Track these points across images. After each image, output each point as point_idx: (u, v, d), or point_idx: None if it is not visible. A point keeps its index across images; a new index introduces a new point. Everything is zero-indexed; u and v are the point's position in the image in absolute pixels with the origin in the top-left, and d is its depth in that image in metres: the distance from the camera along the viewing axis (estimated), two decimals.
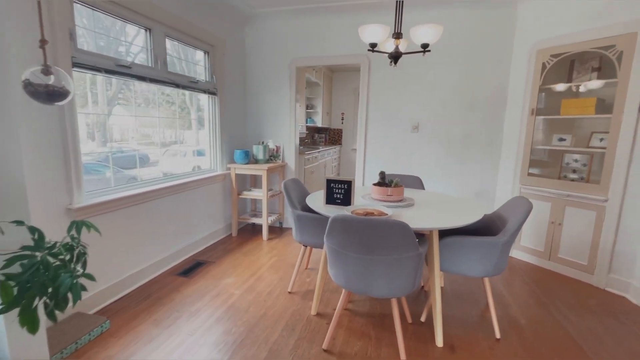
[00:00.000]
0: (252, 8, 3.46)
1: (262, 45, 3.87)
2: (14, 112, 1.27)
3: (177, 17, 2.78)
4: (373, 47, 2.10)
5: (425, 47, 2.08)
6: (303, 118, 5.70)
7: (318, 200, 2.25)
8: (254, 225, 4.16)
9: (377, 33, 2.03)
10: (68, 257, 1.15)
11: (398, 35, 2.12)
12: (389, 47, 2.26)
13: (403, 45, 2.20)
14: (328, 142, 7.50)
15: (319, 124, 6.57)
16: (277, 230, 4.01)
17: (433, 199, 2.38)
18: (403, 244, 1.54)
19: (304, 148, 5.62)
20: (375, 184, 2.26)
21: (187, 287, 2.55)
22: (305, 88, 5.79)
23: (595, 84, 2.78)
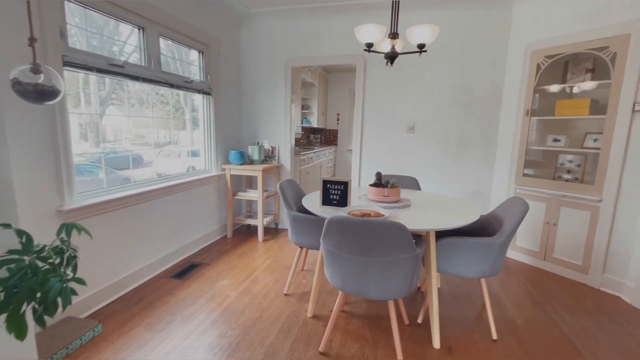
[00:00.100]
0: (247, 8, 3.43)
1: (257, 45, 3.85)
2: (1, 111, 1.23)
3: (171, 16, 2.75)
4: (369, 47, 2.09)
5: (422, 47, 2.07)
6: (298, 118, 5.68)
7: (314, 201, 2.23)
8: (249, 227, 4.13)
9: (373, 33, 2.02)
10: (58, 260, 1.12)
11: (394, 36, 2.12)
12: (385, 47, 2.26)
13: (399, 46, 2.19)
14: (324, 142, 7.49)
15: (315, 125, 6.55)
16: (272, 232, 3.98)
17: (429, 200, 2.38)
18: (400, 245, 1.53)
19: (300, 149, 5.60)
20: (372, 185, 2.25)
21: (181, 289, 2.51)
22: (301, 88, 5.78)
23: (589, 85, 2.80)
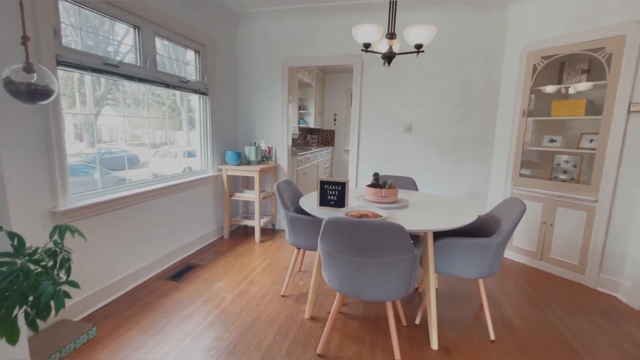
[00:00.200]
0: (243, 7, 3.42)
1: (253, 45, 3.83)
2: None
3: (166, 15, 2.72)
4: (367, 47, 2.08)
5: (419, 47, 2.07)
6: (295, 119, 5.67)
7: (312, 202, 2.22)
8: (246, 228, 4.11)
9: (370, 33, 2.01)
10: (51, 263, 1.10)
11: (392, 36, 2.11)
12: (383, 47, 2.25)
13: (396, 46, 2.19)
14: (320, 143, 7.48)
15: (312, 125, 6.54)
16: (269, 233, 3.97)
17: (427, 200, 2.37)
18: (398, 246, 1.52)
19: (297, 149, 5.59)
20: (369, 185, 2.24)
21: (177, 291, 2.49)
22: (298, 89, 5.76)
23: (585, 86, 2.81)
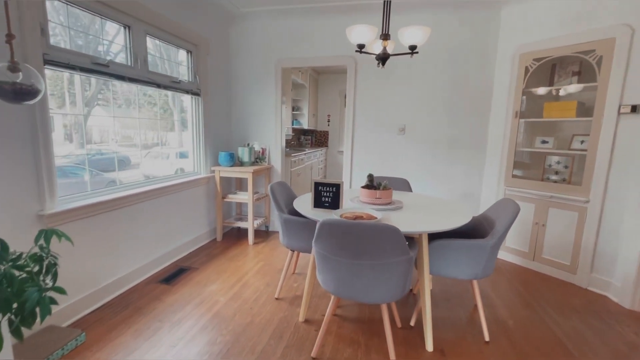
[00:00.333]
0: (237, 7, 3.39)
1: (247, 46, 3.80)
2: None
3: (158, 14, 2.68)
4: (361, 48, 2.07)
5: (413, 48, 2.07)
6: (289, 120, 5.65)
7: (306, 204, 2.20)
8: (240, 230, 4.07)
9: (364, 34, 2.00)
10: (36, 269, 1.06)
11: (386, 37, 2.11)
12: (377, 48, 2.25)
13: (390, 47, 2.19)
14: (314, 144, 7.46)
15: (305, 126, 6.53)
16: (263, 234, 3.93)
17: (421, 202, 2.37)
18: (393, 249, 1.51)
19: (290, 150, 5.56)
20: (364, 187, 2.23)
21: (169, 295, 2.44)
22: (291, 90, 5.74)
23: (576, 88, 2.84)
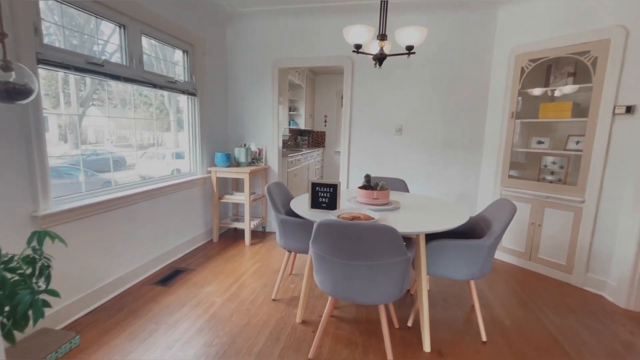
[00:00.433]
0: (233, 7, 3.37)
1: (243, 45, 3.79)
2: None
3: (153, 13, 2.66)
4: (358, 48, 2.07)
5: (410, 49, 2.07)
6: (286, 120, 5.63)
7: (303, 204, 2.19)
8: (236, 230, 4.05)
9: (361, 34, 2.00)
10: (29, 271, 1.04)
11: (383, 37, 2.11)
12: (374, 49, 2.25)
13: (387, 48, 2.19)
14: (311, 144, 7.46)
15: (302, 127, 6.52)
16: (259, 235, 3.92)
17: (418, 202, 2.37)
18: (391, 249, 1.51)
19: (287, 151, 5.55)
20: (361, 187, 2.23)
21: (165, 296, 2.42)
22: (288, 90, 5.73)
23: (571, 89, 2.86)
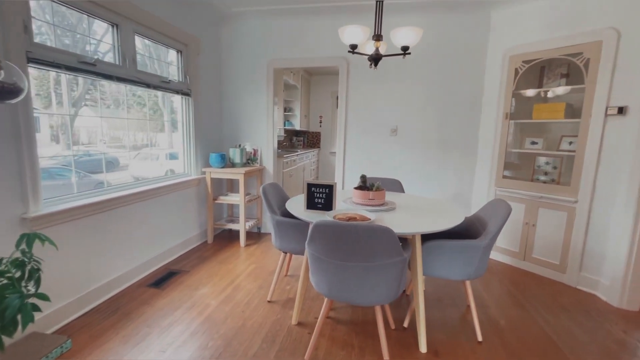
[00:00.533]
0: (228, 7, 3.35)
1: (238, 46, 3.77)
2: None
3: (147, 13, 2.63)
4: (353, 48, 2.07)
5: (405, 49, 2.07)
6: (281, 121, 5.62)
7: (298, 205, 2.18)
8: (231, 231, 4.02)
9: (357, 34, 2.00)
10: (18, 274, 1.02)
11: (378, 38, 2.10)
12: (369, 49, 2.24)
13: (382, 48, 2.19)
14: (306, 145, 7.44)
15: (297, 127, 6.51)
16: (255, 236, 3.89)
17: (414, 203, 2.37)
18: (387, 250, 1.50)
19: (282, 151, 5.53)
20: (357, 188, 2.22)
21: (158, 299, 2.39)
22: (283, 91, 5.72)
23: (564, 90, 2.89)
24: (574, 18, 2.62)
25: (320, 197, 2.04)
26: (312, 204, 2.06)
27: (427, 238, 2.01)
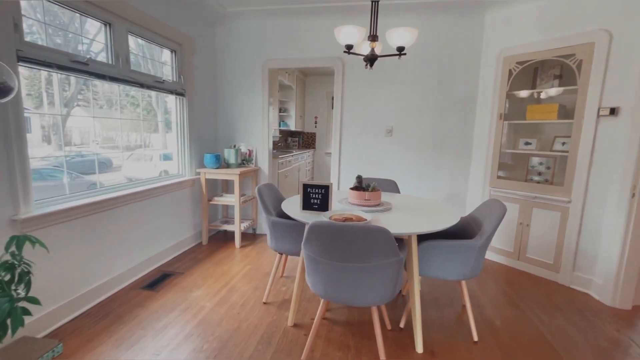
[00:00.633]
0: (223, 7, 3.33)
1: (233, 46, 3.75)
2: None
3: (140, 12, 2.61)
4: (349, 48, 2.07)
5: (401, 50, 2.07)
6: (276, 121, 5.60)
7: (294, 206, 2.17)
8: (226, 233, 3.99)
9: (352, 34, 2.00)
10: (7, 277, 0.99)
11: (373, 38, 2.11)
12: (365, 50, 2.24)
13: (378, 49, 2.19)
14: (301, 146, 7.43)
15: (292, 128, 6.49)
16: (250, 237, 3.87)
17: (410, 203, 2.38)
18: (384, 250, 1.50)
19: (278, 152, 5.51)
20: (353, 188, 2.22)
21: (152, 301, 2.36)
22: (278, 91, 5.70)
23: (557, 91, 2.92)
24: (567, 20, 2.64)
25: (316, 197, 2.03)
26: (308, 205, 2.05)
27: (423, 238, 2.02)
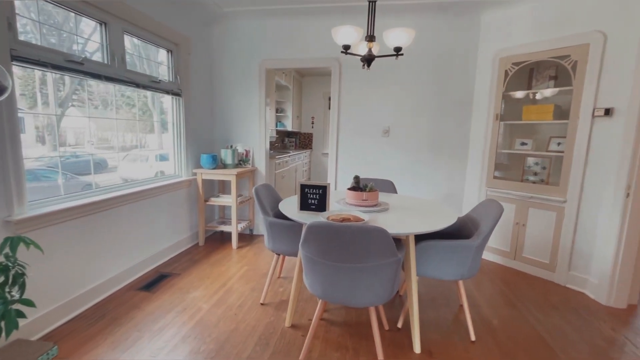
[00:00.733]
0: (220, 7, 3.32)
1: (230, 46, 3.74)
2: None
3: (136, 11, 2.59)
4: (346, 49, 2.07)
5: (398, 50, 2.08)
6: (273, 122, 5.59)
7: (291, 206, 2.16)
8: (223, 233, 3.98)
9: (350, 34, 2.00)
10: (1, 279, 0.98)
11: (371, 38, 2.11)
12: (362, 50, 2.25)
13: (375, 49, 2.19)
14: (298, 146, 7.42)
15: (289, 128, 6.48)
16: (247, 238, 3.86)
17: (407, 203, 2.38)
18: (382, 251, 1.50)
19: (274, 152, 5.50)
20: (350, 189, 2.22)
21: (149, 303, 2.34)
22: (275, 91, 5.69)
23: (552, 92, 2.94)
24: (562, 21, 2.66)
25: (314, 198, 2.02)
26: (305, 205, 2.05)
27: (420, 238, 2.02)
